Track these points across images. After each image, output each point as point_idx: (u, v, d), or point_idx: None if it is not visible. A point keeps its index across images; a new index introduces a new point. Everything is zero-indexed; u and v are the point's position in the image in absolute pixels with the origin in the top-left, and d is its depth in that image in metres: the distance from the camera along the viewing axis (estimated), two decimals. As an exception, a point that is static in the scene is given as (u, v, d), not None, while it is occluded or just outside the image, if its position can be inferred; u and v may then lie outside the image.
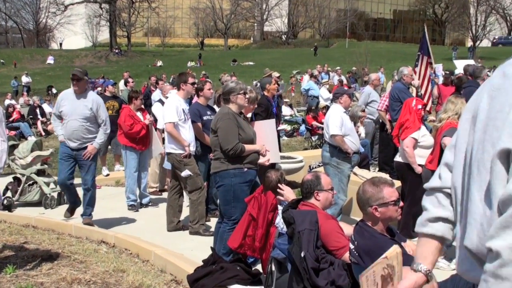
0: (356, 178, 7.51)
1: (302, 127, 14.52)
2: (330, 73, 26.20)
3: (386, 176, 7.53)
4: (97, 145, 6.46)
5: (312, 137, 13.30)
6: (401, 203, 3.19)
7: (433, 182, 1.81)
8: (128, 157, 7.84)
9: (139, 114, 8.07)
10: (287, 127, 14.95)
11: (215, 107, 7.38)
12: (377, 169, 9.41)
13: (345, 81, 21.96)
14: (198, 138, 6.82)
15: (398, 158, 6.24)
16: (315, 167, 8.69)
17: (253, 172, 5.18)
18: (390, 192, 3.13)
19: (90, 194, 6.56)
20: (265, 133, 5.66)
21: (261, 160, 5.49)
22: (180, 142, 6.47)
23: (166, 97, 8.56)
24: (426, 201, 1.82)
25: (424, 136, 6.04)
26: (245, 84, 5.57)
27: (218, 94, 6.02)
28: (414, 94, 9.19)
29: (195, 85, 6.87)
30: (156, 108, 9.03)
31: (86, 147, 6.38)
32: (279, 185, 4.41)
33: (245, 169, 5.09)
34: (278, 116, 7.99)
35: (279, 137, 7.98)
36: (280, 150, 8.04)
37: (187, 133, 6.56)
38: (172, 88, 11.60)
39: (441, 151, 5.20)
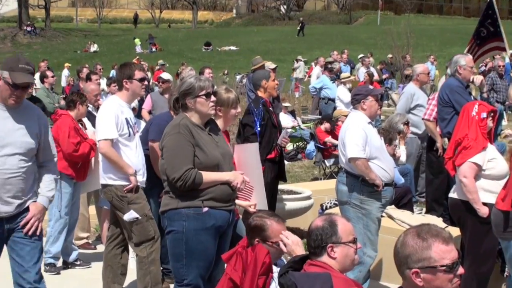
0: (392, 224, 7.61)
1: (311, 146, 14.64)
2: (354, 63, 26.37)
3: (438, 221, 7.63)
4: (46, 202, 5.42)
5: (326, 161, 13.50)
6: (461, 270, 3.19)
7: None
8: (61, 190, 7.84)
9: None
10: (287, 146, 15.04)
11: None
12: (424, 209, 9.53)
13: (376, 75, 22.15)
14: (154, 164, 6.91)
15: (453, 194, 6.34)
16: (329, 207, 8.76)
17: (221, 214, 5.29)
18: (442, 250, 3.14)
19: None
20: (245, 162, 5.85)
21: (243, 203, 5.57)
22: (122, 168, 6.50)
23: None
24: None
25: (492, 160, 6.15)
26: (211, 81, 5.66)
27: (173, 97, 6.03)
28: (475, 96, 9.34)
29: (147, 83, 6.95)
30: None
31: (25, 211, 5.28)
32: (282, 232, 4.47)
33: (205, 209, 5.19)
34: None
35: (281, 161, 7.95)
36: (284, 179, 8.14)
37: (133, 155, 6.61)
38: (112, 86, 11.71)
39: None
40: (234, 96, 6.27)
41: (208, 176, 5.20)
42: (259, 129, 7.44)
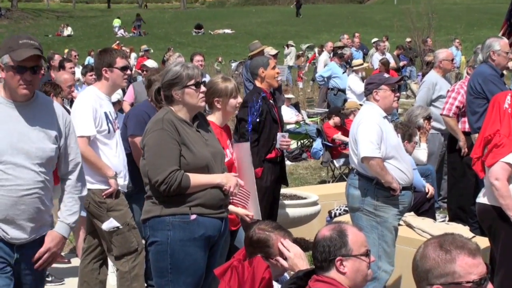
0: (411, 233, 7.61)
1: (317, 144, 14.62)
2: (367, 48, 26.35)
3: (464, 230, 7.65)
4: (65, 231, 5.00)
5: (335, 161, 13.50)
6: (490, 286, 3.18)
7: None
8: None
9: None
10: (291, 144, 14.98)
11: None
12: (447, 217, 9.57)
13: (392, 62, 22.19)
14: (136, 161, 6.88)
15: (482, 199, 6.29)
16: (339, 214, 8.78)
17: (211, 222, 5.29)
18: (469, 264, 3.14)
19: None
20: (239, 163, 5.95)
21: (239, 210, 5.60)
22: (100, 170, 6.52)
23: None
24: None
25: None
26: (200, 68, 5.69)
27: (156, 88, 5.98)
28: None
29: (130, 72, 6.95)
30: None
31: (41, 239, 4.88)
32: (281, 241, 4.50)
33: (192, 217, 5.18)
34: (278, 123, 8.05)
35: (282, 161, 8.03)
36: (286, 182, 8.22)
37: (113, 155, 6.63)
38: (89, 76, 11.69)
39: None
40: (233, 85, 6.34)
41: (196, 178, 5.19)
42: (251, 126, 7.51)
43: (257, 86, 7.92)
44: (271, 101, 7.91)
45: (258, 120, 7.57)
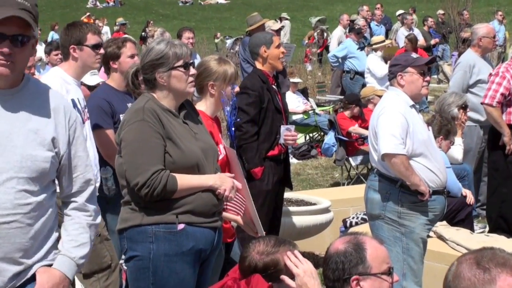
0: (443, 247, 7.67)
1: (330, 138, 14.48)
2: (391, 22, 26.32)
3: (508, 243, 7.68)
4: (69, 269, 4.21)
5: (351, 159, 13.47)
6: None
7: None
8: None
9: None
10: (297, 138, 14.88)
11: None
12: (487, 228, 9.61)
13: (421, 40, 22.18)
14: (108, 160, 6.91)
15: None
16: (355, 224, 8.79)
17: (202, 233, 5.29)
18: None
19: None
20: (231, 167, 5.97)
21: (234, 218, 5.70)
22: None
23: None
24: None
25: None
26: (188, 47, 5.61)
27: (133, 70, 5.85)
28: None
29: (101, 49, 6.94)
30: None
31: (27, 282, 4.09)
32: (288, 253, 4.47)
33: (180, 226, 5.18)
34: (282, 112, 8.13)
35: (286, 159, 8.12)
36: (290, 185, 8.29)
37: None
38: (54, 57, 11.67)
39: None
40: (233, 69, 6.37)
41: (184, 180, 5.18)
42: (233, 129, 7.41)
43: (258, 69, 7.96)
44: (274, 87, 7.96)
45: (239, 118, 7.59)
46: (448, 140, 8.72)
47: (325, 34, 29.11)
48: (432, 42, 24.54)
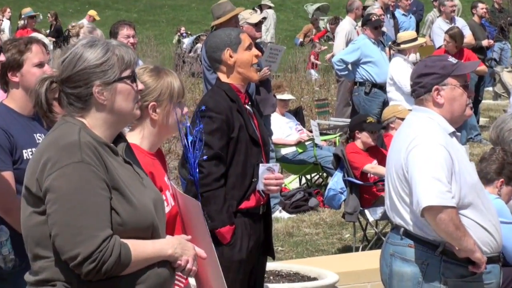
0: None
1: (336, 181, 13.27)
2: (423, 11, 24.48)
3: None
4: None
5: (367, 212, 12.31)
6: None
7: None
8: None
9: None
10: (284, 183, 13.72)
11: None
12: None
13: (468, 36, 19.91)
14: (4, 216, 6.24)
15: None
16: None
17: None
18: None
19: None
20: (189, 221, 5.45)
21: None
22: None
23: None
24: None
25: None
26: (133, 51, 4.86)
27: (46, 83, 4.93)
28: None
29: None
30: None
31: None
32: None
33: None
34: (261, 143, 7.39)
35: (267, 214, 7.19)
36: (272, 253, 7.47)
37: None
38: None
39: None
40: (178, 82, 5.71)
41: (139, 249, 4.49)
42: (197, 170, 6.01)
43: (222, 82, 7.09)
44: (248, 107, 7.09)
45: (206, 156, 6.58)
46: (510, 185, 7.60)
47: (320, 23, 26.85)
48: (485, 43, 21.41)
